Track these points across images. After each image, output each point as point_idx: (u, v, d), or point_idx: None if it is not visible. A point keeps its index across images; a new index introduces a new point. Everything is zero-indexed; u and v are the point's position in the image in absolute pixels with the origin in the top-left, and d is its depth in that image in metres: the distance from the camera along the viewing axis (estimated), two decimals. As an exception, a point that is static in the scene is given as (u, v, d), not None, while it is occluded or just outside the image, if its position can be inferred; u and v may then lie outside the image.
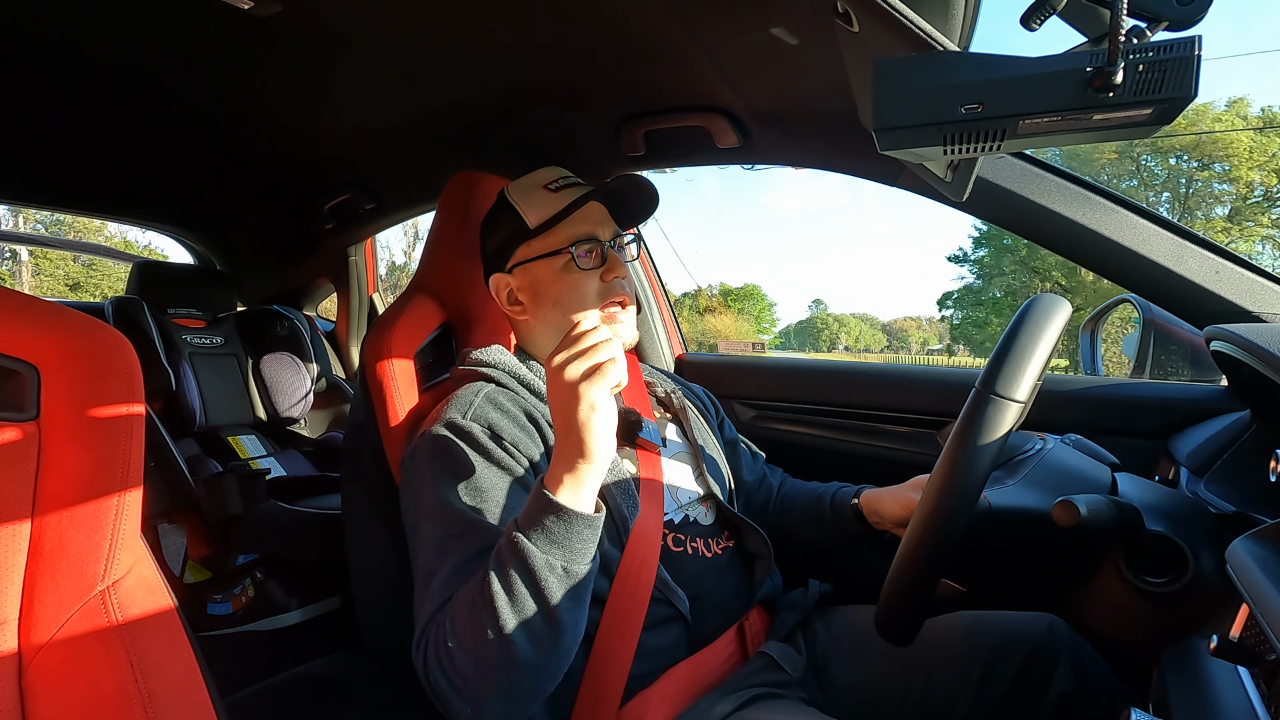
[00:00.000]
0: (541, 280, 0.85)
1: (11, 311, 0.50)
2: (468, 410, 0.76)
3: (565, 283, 0.84)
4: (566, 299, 0.84)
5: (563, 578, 0.59)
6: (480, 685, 0.59)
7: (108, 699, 0.47)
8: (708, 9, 0.78)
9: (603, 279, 0.85)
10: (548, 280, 0.85)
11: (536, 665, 0.59)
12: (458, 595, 0.62)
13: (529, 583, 0.58)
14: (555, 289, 0.85)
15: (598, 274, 0.85)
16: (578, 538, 0.59)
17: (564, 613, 0.59)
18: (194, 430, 1.84)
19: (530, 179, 0.89)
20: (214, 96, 1.26)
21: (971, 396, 0.57)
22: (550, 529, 0.58)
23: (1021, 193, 0.89)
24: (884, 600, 0.62)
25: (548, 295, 0.85)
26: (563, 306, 0.84)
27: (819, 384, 1.32)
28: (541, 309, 0.86)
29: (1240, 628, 0.46)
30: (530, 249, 0.86)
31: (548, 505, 0.58)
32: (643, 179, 0.87)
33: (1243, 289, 0.83)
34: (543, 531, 0.58)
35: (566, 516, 0.58)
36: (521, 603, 0.57)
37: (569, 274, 0.84)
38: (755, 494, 1.02)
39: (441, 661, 0.60)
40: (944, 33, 0.56)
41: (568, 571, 0.59)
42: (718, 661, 0.79)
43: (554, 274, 0.85)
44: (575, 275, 0.84)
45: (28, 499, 0.49)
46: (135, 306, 1.80)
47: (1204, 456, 0.77)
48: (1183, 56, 0.45)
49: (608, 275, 0.85)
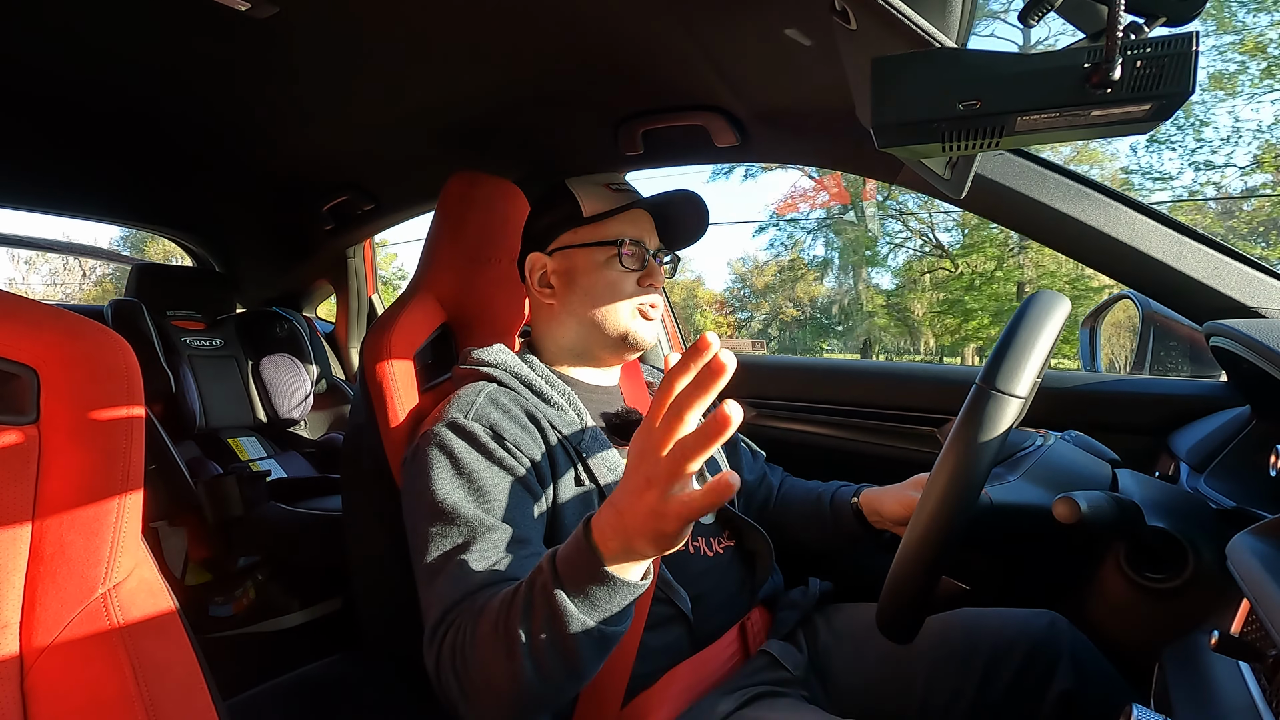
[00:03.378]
0: (579, 268, 0.86)
1: (11, 315, 0.50)
2: (469, 410, 0.76)
3: (603, 276, 0.85)
4: (599, 292, 0.85)
5: (596, 639, 0.54)
6: (488, 699, 0.58)
7: (109, 702, 0.47)
8: (705, 7, 0.78)
9: (639, 283, 0.86)
10: (586, 270, 0.86)
11: (548, 696, 0.57)
12: (484, 609, 0.59)
13: (557, 637, 0.54)
14: (590, 279, 0.85)
15: (636, 276, 0.86)
16: (620, 603, 0.53)
17: (587, 663, 0.56)
18: (194, 432, 1.84)
19: (592, 176, 0.90)
20: (211, 98, 1.26)
21: (972, 393, 0.57)
22: (594, 595, 0.52)
23: (1021, 189, 0.89)
24: (885, 598, 0.62)
25: (581, 284, 0.86)
26: (593, 298, 0.85)
27: (818, 383, 1.32)
28: (571, 296, 0.86)
29: (1241, 623, 0.46)
30: (577, 236, 0.86)
31: (597, 573, 0.51)
32: (698, 200, 0.88)
33: (1242, 284, 0.83)
34: (585, 596, 0.52)
35: (614, 585, 0.52)
36: (545, 651, 0.54)
37: (609, 269, 0.85)
38: (756, 493, 1.02)
39: (456, 666, 0.59)
40: (941, 30, 0.56)
41: (603, 635, 0.54)
42: (720, 661, 0.79)
43: (594, 265, 0.85)
44: (615, 272, 0.85)
45: (28, 502, 0.49)
46: (134, 309, 1.79)
47: (1204, 452, 0.77)
48: (1180, 52, 0.44)
49: (645, 280, 0.86)
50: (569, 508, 0.75)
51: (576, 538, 0.53)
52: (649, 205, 0.87)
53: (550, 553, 0.56)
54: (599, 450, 0.79)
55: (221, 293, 2.10)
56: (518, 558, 0.67)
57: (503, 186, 1.01)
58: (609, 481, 0.77)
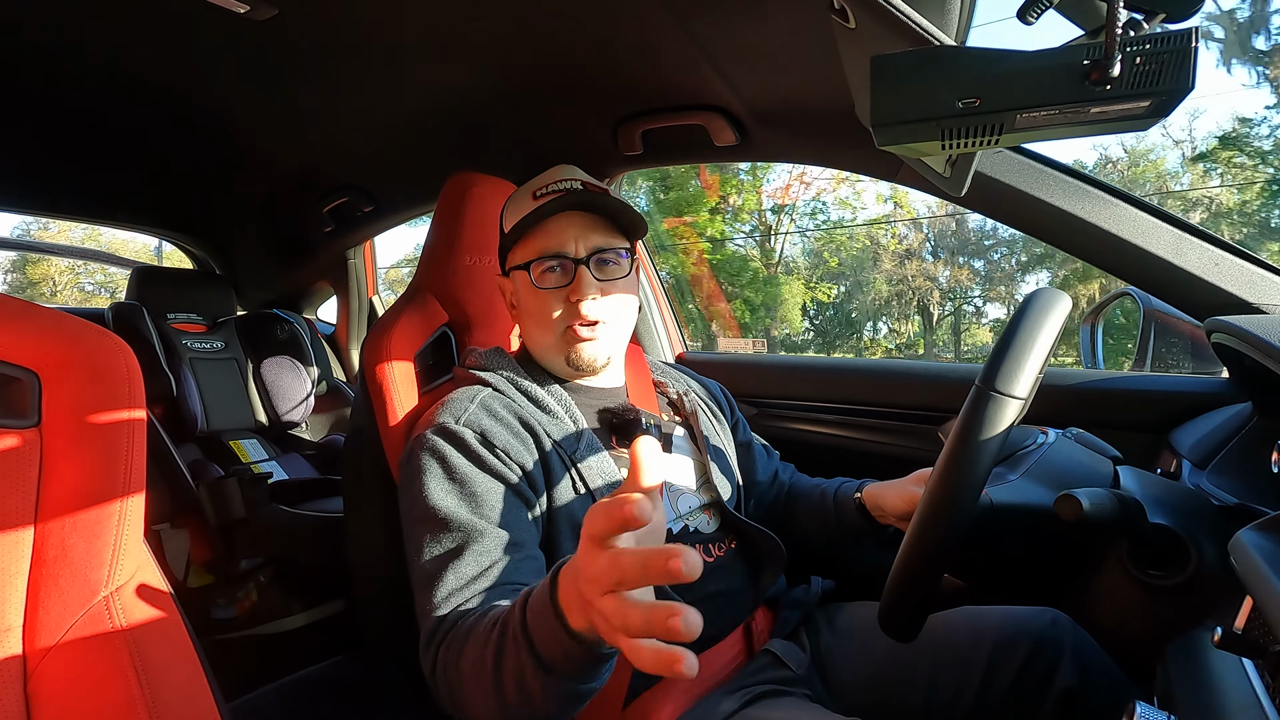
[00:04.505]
0: (519, 290, 0.83)
1: (11, 319, 0.50)
2: (461, 415, 0.75)
3: (532, 299, 0.81)
4: (534, 314, 0.81)
5: (567, 695, 0.52)
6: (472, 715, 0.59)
7: (112, 704, 0.47)
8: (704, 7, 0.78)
9: (569, 299, 0.79)
10: (521, 292, 0.83)
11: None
12: (472, 634, 0.58)
13: (528, 691, 0.52)
14: (524, 302, 0.82)
15: (563, 294, 0.79)
16: (589, 665, 0.49)
17: (561, 713, 0.54)
18: (195, 435, 1.84)
19: (531, 183, 0.85)
20: (211, 101, 1.26)
21: (972, 394, 0.57)
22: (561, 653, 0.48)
23: (1020, 187, 0.89)
24: (887, 597, 0.62)
25: (521, 307, 0.84)
26: (531, 321, 0.82)
27: (820, 381, 1.32)
28: (523, 320, 0.85)
29: (1244, 620, 0.46)
30: (514, 255, 0.83)
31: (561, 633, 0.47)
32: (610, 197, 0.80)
33: (1243, 280, 0.83)
34: (551, 654, 0.49)
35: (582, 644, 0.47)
36: (518, 699, 0.53)
37: (533, 292, 0.80)
38: (768, 493, 1.02)
39: (448, 683, 0.60)
40: (940, 28, 0.56)
41: (574, 692, 0.52)
42: (723, 661, 0.79)
43: (526, 287, 0.81)
44: (539, 294, 0.79)
45: (30, 506, 0.49)
46: (135, 312, 1.80)
47: (1206, 449, 0.77)
48: (1180, 49, 0.44)
49: (573, 295, 0.78)
50: (563, 514, 0.75)
51: (544, 588, 0.49)
52: (565, 206, 0.78)
53: (524, 595, 0.52)
54: (592, 455, 0.78)
55: (222, 295, 2.10)
56: (512, 562, 0.67)
57: (502, 187, 1.01)
58: (599, 485, 0.77)
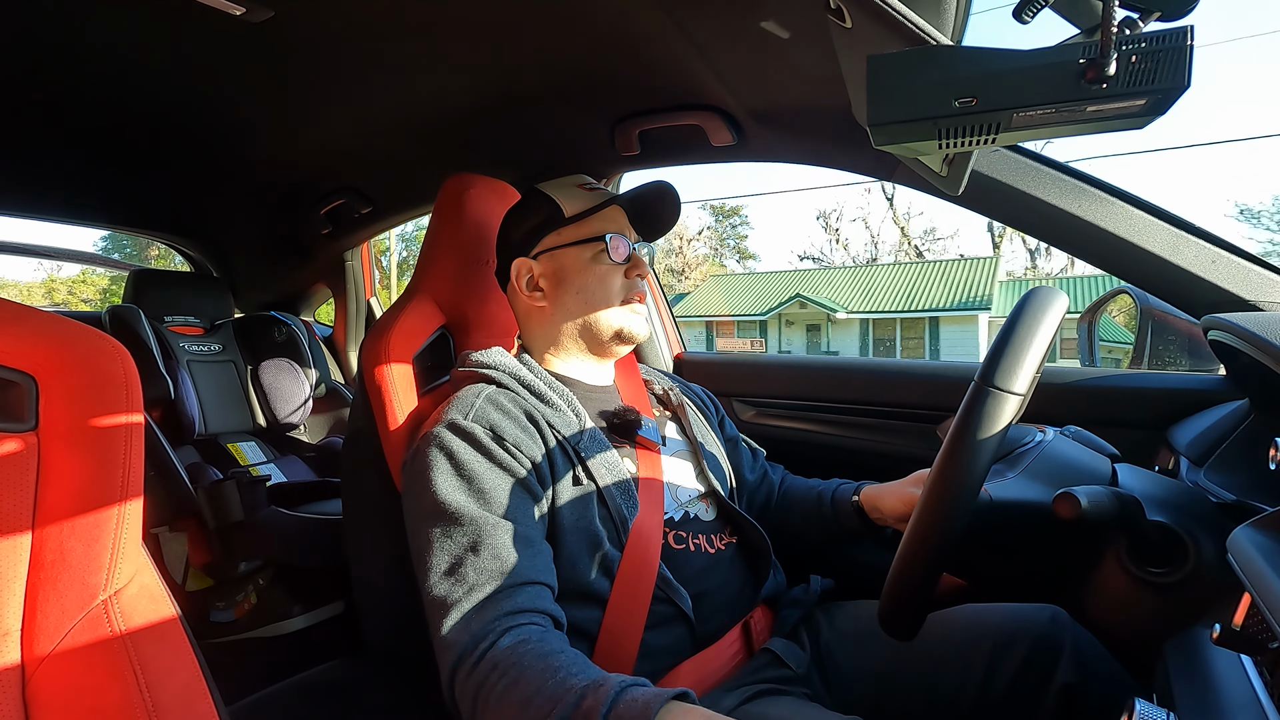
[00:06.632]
0: (568, 268, 0.87)
1: (8, 322, 0.49)
2: (469, 411, 0.76)
3: (593, 272, 0.86)
4: (592, 288, 0.86)
5: None
6: None
7: (111, 709, 0.47)
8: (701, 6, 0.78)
9: (627, 275, 0.88)
10: (575, 268, 0.87)
11: None
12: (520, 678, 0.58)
13: None
14: (581, 277, 0.86)
15: (623, 269, 0.88)
16: None
17: None
18: (193, 438, 1.84)
19: (562, 179, 0.91)
20: (208, 103, 1.26)
21: (970, 391, 0.57)
22: None
23: (1018, 186, 0.90)
24: (887, 595, 0.62)
25: (572, 283, 0.87)
26: (586, 294, 0.86)
27: (818, 381, 1.32)
28: (563, 296, 0.87)
29: (1242, 616, 0.46)
30: (560, 236, 0.87)
31: None
32: (671, 190, 0.90)
33: (1239, 278, 0.83)
34: None
35: None
36: None
37: (598, 264, 0.86)
38: (757, 492, 1.02)
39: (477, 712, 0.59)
40: (936, 27, 0.56)
41: None
42: (722, 660, 0.79)
43: (582, 263, 0.86)
44: (604, 266, 0.86)
45: (28, 510, 0.49)
46: (132, 315, 1.79)
47: (1203, 446, 0.77)
48: (1175, 47, 0.45)
49: (631, 272, 0.88)
50: (567, 508, 0.75)
51: (646, 705, 0.51)
52: (625, 200, 0.89)
53: (613, 691, 0.53)
54: (598, 450, 0.79)
55: (219, 297, 2.10)
56: (524, 558, 0.67)
57: (499, 188, 1.01)
58: (608, 483, 0.77)
